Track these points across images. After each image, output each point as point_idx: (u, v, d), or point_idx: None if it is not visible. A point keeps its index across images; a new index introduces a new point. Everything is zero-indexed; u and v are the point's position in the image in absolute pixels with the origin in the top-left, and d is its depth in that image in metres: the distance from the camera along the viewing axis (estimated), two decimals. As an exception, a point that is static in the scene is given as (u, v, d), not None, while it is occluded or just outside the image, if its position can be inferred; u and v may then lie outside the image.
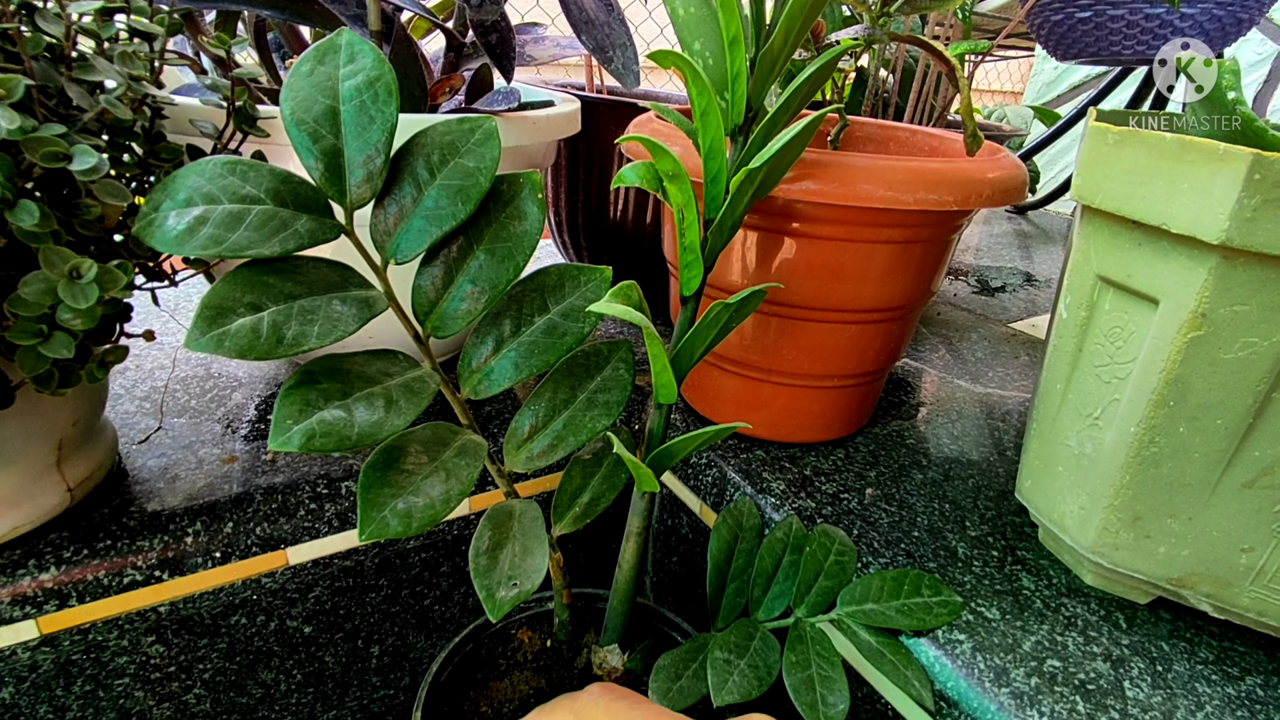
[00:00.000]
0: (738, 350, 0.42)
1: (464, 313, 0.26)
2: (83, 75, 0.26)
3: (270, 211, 0.22)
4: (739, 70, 0.30)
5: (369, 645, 0.45)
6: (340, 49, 0.23)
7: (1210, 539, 0.31)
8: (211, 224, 0.21)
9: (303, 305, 0.23)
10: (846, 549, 0.35)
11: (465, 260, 0.26)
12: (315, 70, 0.23)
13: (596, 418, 0.29)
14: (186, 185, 0.22)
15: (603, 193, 0.61)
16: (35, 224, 0.23)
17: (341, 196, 0.23)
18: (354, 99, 0.23)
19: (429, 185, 0.25)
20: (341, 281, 0.24)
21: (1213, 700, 0.30)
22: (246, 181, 0.22)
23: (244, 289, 0.22)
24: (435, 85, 0.42)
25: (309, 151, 0.23)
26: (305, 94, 0.23)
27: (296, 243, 0.22)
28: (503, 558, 0.26)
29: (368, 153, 0.23)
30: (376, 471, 0.24)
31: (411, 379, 0.25)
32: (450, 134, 0.25)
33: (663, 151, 0.28)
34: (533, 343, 0.27)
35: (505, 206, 0.26)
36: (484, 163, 0.25)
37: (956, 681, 0.30)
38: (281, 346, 0.22)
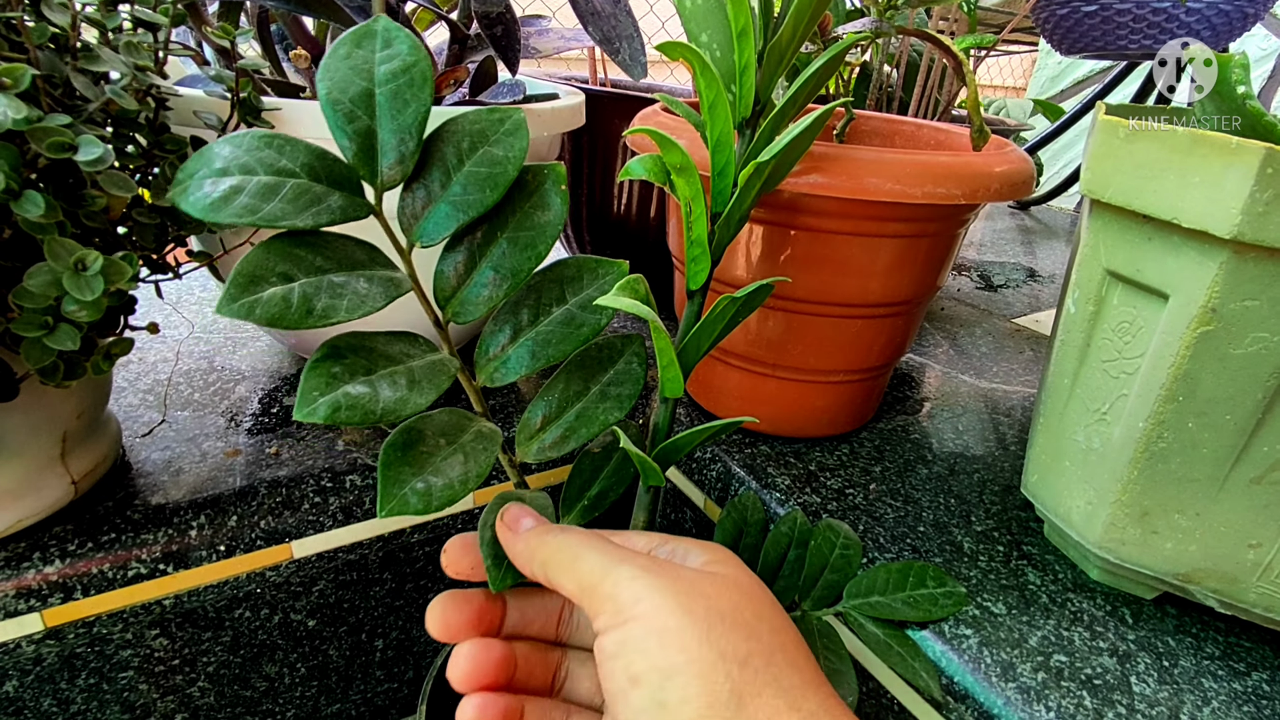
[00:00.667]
0: (743, 345, 0.42)
1: (484, 299, 0.26)
2: (88, 65, 0.26)
3: (304, 185, 0.22)
4: (747, 62, 0.30)
5: (373, 639, 0.45)
6: (377, 34, 0.24)
7: (1218, 534, 0.30)
8: (247, 194, 0.21)
9: (332, 280, 0.23)
10: (851, 543, 0.35)
11: (488, 247, 0.26)
12: (352, 54, 0.23)
13: (609, 410, 0.29)
14: (223, 155, 0.22)
15: (607, 186, 0.61)
16: (41, 215, 0.23)
17: (373, 177, 0.24)
18: (389, 83, 0.23)
19: (457, 172, 0.25)
20: (369, 260, 0.24)
21: (1219, 695, 0.30)
22: (283, 155, 0.22)
23: (277, 259, 0.22)
24: (440, 78, 0.42)
25: (343, 131, 0.23)
26: (342, 75, 0.23)
27: (329, 217, 0.23)
28: None
29: (401, 135, 0.24)
30: (397, 451, 0.24)
31: (432, 361, 0.25)
32: (480, 123, 0.25)
33: (671, 144, 0.28)
34: (550, 332, 0.27)
35: (530, 196, 0.26)
36: (512, 152, 0.25)
37: (963, 676, 0.30)
38: (311, 317, 0.22)
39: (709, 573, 0.23)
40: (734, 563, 0.25)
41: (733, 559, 0.25)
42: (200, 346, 0.51)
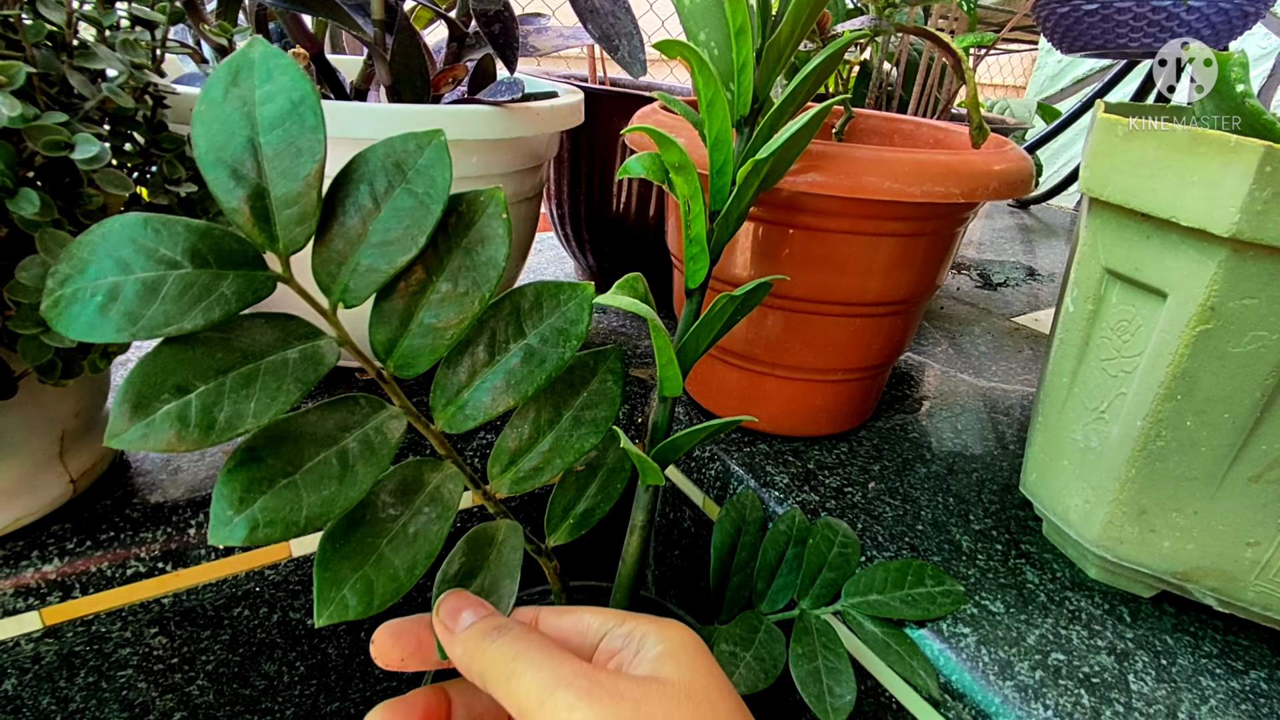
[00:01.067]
0: (742, 344, 0.42)
1: (428, 348, 0.23)
2: (84, 63, 0.26)
3: (190, 276, 0.19)
4: (745, 60, 0.30)
5: (371, 638, 0.45)
6: (255, 66, 0.20)
7: (1216, 533, 0.31)
8: (123, 299, 0.18)
9: (236, 378, 0.20)
10: (850, 541, 0.35)
11: (425, 293, 0.23)
12: (229, 93, 0.20)
13: (584, 437, 0.27)
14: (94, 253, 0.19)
15: (605, 185, 0.61)
16: (36, 212, 0.23)
17: (273, 242, 0.21)
18: (277, 128, 0.20)
19: (374, 216, 0.22)
20: (281, 339, 0.21)
21: (1217, 694, 0.30)
22: (161, 241, 0.19)
23: (169, 369, 0.19)
24: (438, 76, 0.42)
25: (230, 194, 0.20)
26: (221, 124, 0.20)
27: (223, 310, 0.19)
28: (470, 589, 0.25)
29: (298, 189, 0.20)
30: (337, 541, 0.22)
31: (372, 430, 0.23)
32: (394, 155, 0.22)
33: (669, 142, 0.28)
34: (509, 371, 0.25)
35: (466, 230, 0.23)
36: (435, 186, 0.22)
37: (961, 674, 0.30)
38: (213, 433, 0.19)
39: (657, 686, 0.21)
40: (689, 653, 0.23)
41: (689, 647, 0.23)
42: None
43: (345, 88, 0.44)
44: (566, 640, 0.24)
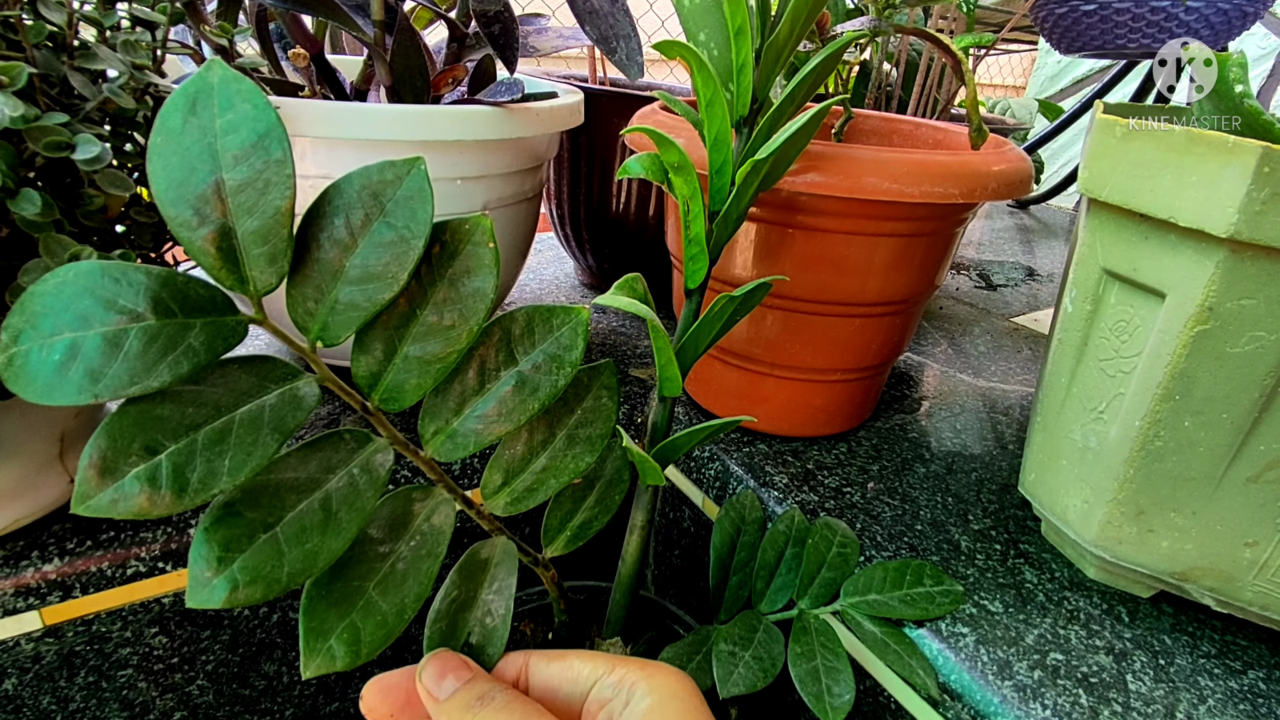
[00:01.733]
0: (741, 344, 0.42)
1: (414, 383, 0.23)
2: (85, 64, 0.26)
3: (154, 328, 0.18)
4: (745, 61, 0.30)
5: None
6: (214, 91, 0.19)
7: (1214, 533, 0.31)
8: (84, 358, 0.17)
9: (209, 433, 0.19)
10: (849, 541, 0.35)
11: (408, 327, 0.22)
12: (187, 124, 0.19)
13: (578, 457, 0.27)
14: (50, 306, 0.17)
15: (605, 185, 0.61)
16: (37, 213, 0.23)
17: (243, 284, 0.19)
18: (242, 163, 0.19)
19: (352, 251, 0.21)
20: (258, 385, 0.20)
21: (1215, 694, 0.30)
22: (119, 292, 0.18)
23: (135, 428, 0.18)
24: (438, 76, 0.42)
25: (194, 234, 0.19)
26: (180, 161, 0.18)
27: (191, 363, 0.18)
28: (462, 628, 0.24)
29: (267, 225, 0.19)
30: (321, 588, 0.21)
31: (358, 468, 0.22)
32: (371, 185, 0.21)
33: (668, 143, 0.28)
34: (501, 399, 0.24)
35: (451, 260, 0.22)
36: (415, 220, 0.21)
37: (960, 674, 0.30)
38: (186, 496, 0.18)
39: None
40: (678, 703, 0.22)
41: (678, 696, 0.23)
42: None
43: (345, 88, 0.44)
44: (556, 690, 0.24)
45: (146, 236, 0.30)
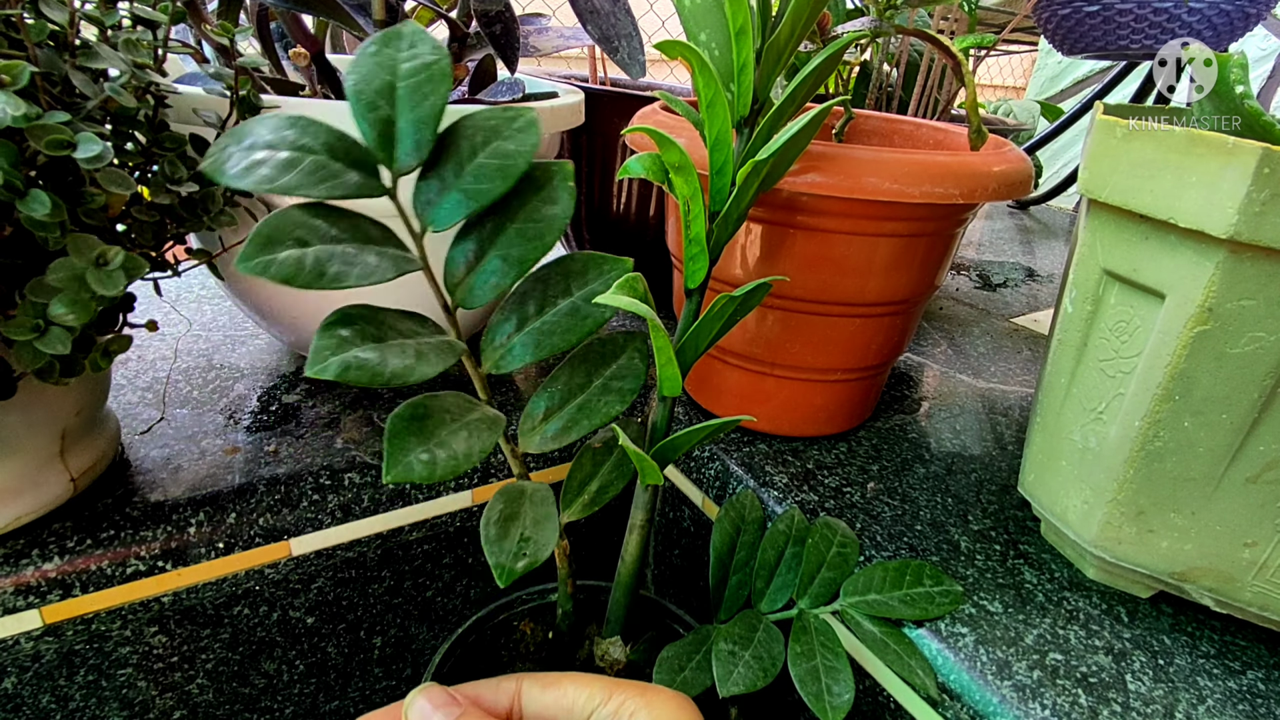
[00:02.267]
0: (741, 344, 0.42)
1: (492, 286, 0.27)
2: (87, 63, 0.26)
3: (322, 161, 0.23)
4: (745, 61, 0.30)
5: (371, 636, 0.45)
6: (403, 36, 0.25)
7: (1214, 533, 0.31)
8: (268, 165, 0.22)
9: (345, 250, 0.24)
10: (848, 540, 0.35)
11: (497, 236, 0.27)
12: (380, 51, 0.25)
13: (611, 403, 0.30)
14: (251, 133, 0.23)
15: (606, 185, 0.61)
16: (47, 213, 0.23)
17: (391, 161, 0.25)
18: (411, 78, 0.25)
19: (470, 163, 0.26)
20: (382, 238, 0.25)
21: (1214, 694, 0.30)
22: (305, 134, 0.24)
23: (293, 225, 0.23)
24: (439, 76, 0.42)
25: (364, 119, 0.24)
26: (368, 70, 0.24)
27: (343, 190, 0.24)
28: (513, 529, 0.27)
29: (418, 125, 0.25)
30: (404, 421, 0.25)
31: (440, 341, 0.26)
32: (494, 119, 0.26)
33: (669, 143, 0.28)
34: (555, 323, 0.28)
35: (539, 190, 0.27)
36: (523, 146, 0.26)
37: (959, 674, 0.30)
38: (323, 280, 0.23)
39: None
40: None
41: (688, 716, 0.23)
42: (199, 344, 0.51)
43: (346, 88, 0.44)
44: (552, 713, 0.24)
45: (148, 235, 0.30)
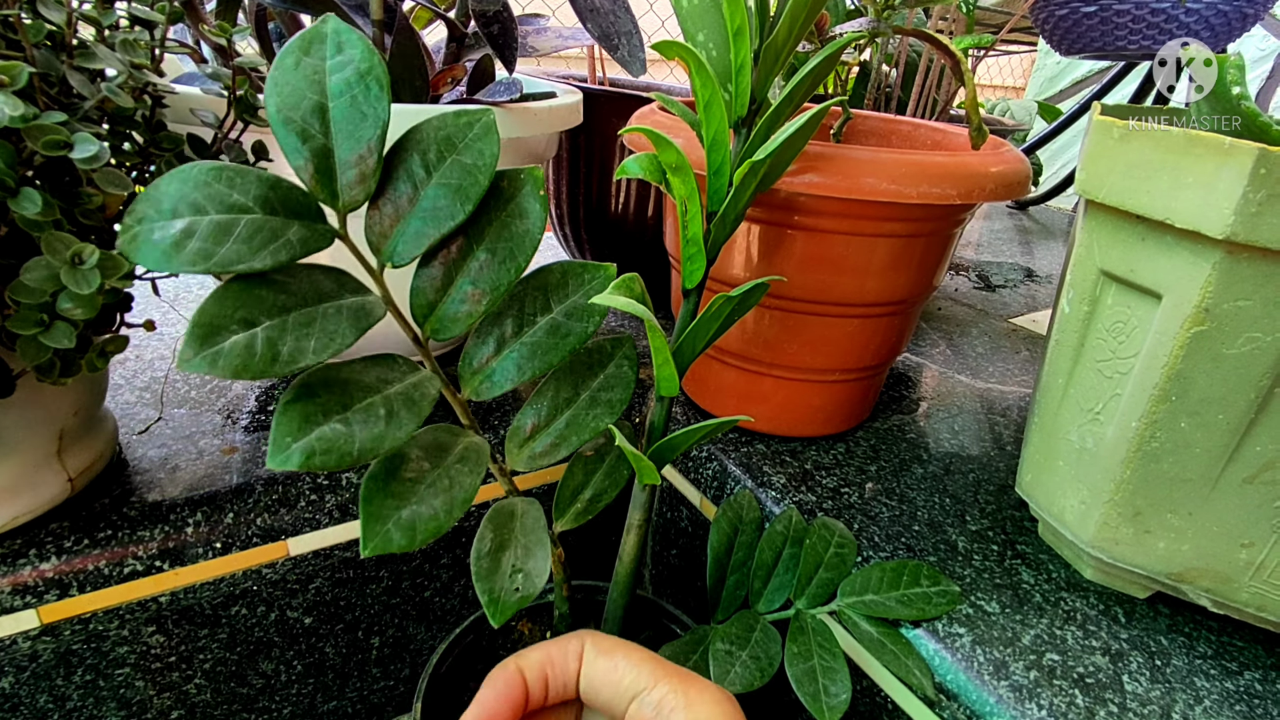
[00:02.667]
0: (739, 344, 0.42)
1: (464, 315, 0.25)
2: (84, 63, 0.26)
3: (260, 221, 0.21)
4: (743, 62, 0.30)
5: (369, 636, 0.45)
6: (327, 38, 0.22)
7: (1210, 534, 0.31)
8: (199, 237, 0.20)
9: (297, 318, 0.22)
10: (846, 541, 0.35)
11: (465, 261, 0.25)
12: (301, 62, 0.22)
13: (599, 416, 0.29)
14: (171, 194, 0.20)
15: (604, 185, 0.61)
16: (38, 212, 0.23)
17: (334, 199, 0.22)
18: (344, 94, 0.22)
19: (426, 184, 0.24)
20: (337, 289, 0.23)
21: (1211, 695, 0.30)
22: (234, 189, 0.21)
23: (236, 304, 0.21)
24: (437, 76, 0.42)
25: (298, 152, 0.22)
26: (292, 89, 0.21)
27: (289, 253, 0.21)
28: (505, 560, 0.26)
29: (360, 152, 0.22)
30: (378, 482, 0.23)
31: (410, 385, 0.24)
32: (446, 129, 0.24)
33: (666, 143, 0.28)
34: (535, 343, 0.27)
35: (506, 204, 0.25)
36: (483, 159, 0.24)
37: (956, 674, 0.31)
38: (277, 364, 0.21)
39: None
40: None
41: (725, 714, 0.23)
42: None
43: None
44: (599, 691, 0.25)
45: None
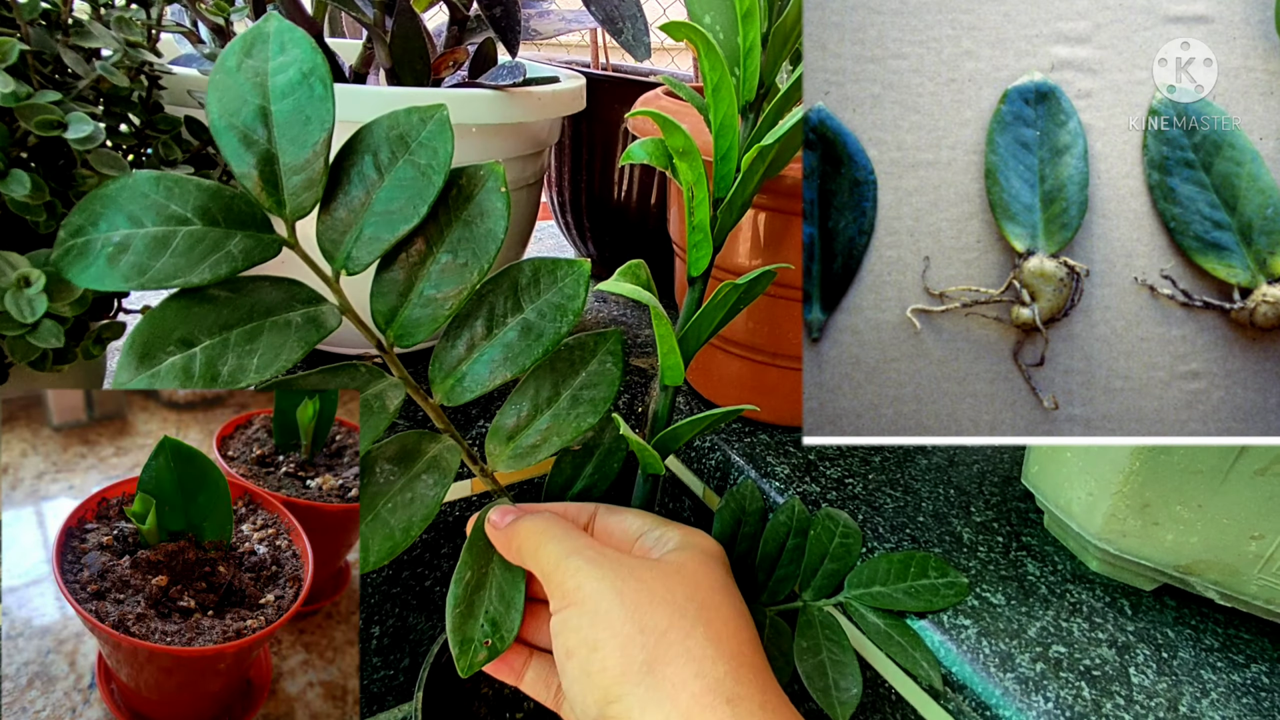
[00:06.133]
0: (743, 333, 0.42)
1: (428, 319, 0.24)
2: (79, 41, 0.26)
3: (199, 233, 0.20)
4: (752, 44, 0.29)
5: (369, 626, 0.44)
6: (269, 38, 0.21)
7: (1220, 526, 0.30)
8: (133, 251, 0.19)
9: (240, 334, 0.21)
10: (851, 531, 0.35)
11: (425, 264, 0.24)
12: (243, 64, 0.21)
13: (581, 416, 0.28)
14: (107, 206, 0.19)
15: (607, 173, 0.60)
16: (26, 194, 0.22)
17: (280, 207, 0.21)
18: (287, 96, 0.21)
19: (378, 186, 0.22)
20: (285, 301, 0.22)
21: (1218, 687, 0.30)
22: (171, 199, 0.20)
23: (174, 323, 0.20)
24: (438, 59, 0.41)
25: (241, 159, 0.21)
26: (233, 92, 0.21)
27: (230, 267, 0.20)
28: (479, 605, 0.26)
29: (305, 156, 0.21)
30: None
31: (372, 396, 0.23)
32: (399, 127, 0.23)
33: (674, 127, 0.28)
34: (507, 344, 0.26)
35: (466, 203, 0.24)
36: (437, 159, 0.23)
37: (961, 666, 0.30)
38: (218, 383, 0.20)
39: (655, 561, 0.26)
40: (696, 549, 0.27)
41: (698, 546, 0.27)
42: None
43: (344, 71, 0.44)
44: (611, 534, 0.28)
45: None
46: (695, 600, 0.24)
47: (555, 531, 0.26)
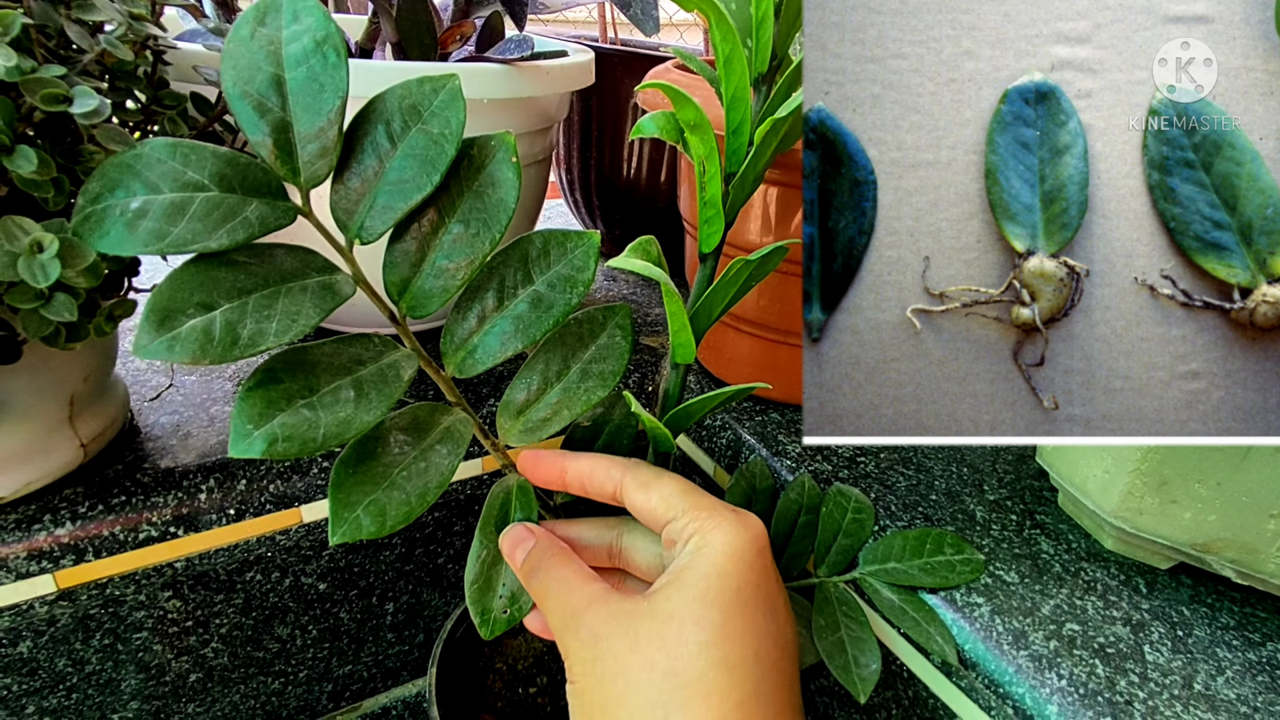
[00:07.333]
0: (755, 311, 0.41)
1: (440, 290, 0.24)
2: (82, 14, 0.25)
3: (216, 199, 0.20)
4: (765, 15, 0.29)
5: (383, 603, 0.45)
6: (282, 7, 0.21)
7: (1239, 504, 0.30)
8: (152, 217, 0.19)
9: (259, 299, 0.21)
10: (864, 507, 0.35)
11: (437, 235, 0.24)
12: (256, 32, 0.21)
13: (591, 390, 0.28)
14: (125, 173, 0.20)
15: (616, 150, 0.59)
16: (33, 170, 0.22)
17: (295, 175, 0.21)
18: (301, 64, 0.21)
19: (391, 156, 0.22)
20: (301, 268, 0.22)
21: (1233, 665, 0.30)
22: (189, 166, 0.20)
23: (193, 287, 0.20)
24: (445, 33, 0.41)
25: (256, 127, 0.21)
26: (247, 61, 0.20)
27: (246, 232, 0.20)
28: (497, 580, 0.26)
29: (320, 124, 0.21)
30: (349, 468, 0.23)
31: (386, 365, 0.23)
32: (410, 96, 0.23)
33: (685, 99, 0.27)
34: (517, 316, 0.26)
35: (477, 173, 0.24)
36: (449, 128, 0.23)
37: (975, 644, 0.30)
38: (237, 348, 0.20)
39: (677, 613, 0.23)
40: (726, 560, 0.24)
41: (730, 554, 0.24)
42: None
43: (350, 47, 0.43)
44: (640, 515, 0.27)
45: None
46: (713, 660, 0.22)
47: (557, 588, 0.25)
